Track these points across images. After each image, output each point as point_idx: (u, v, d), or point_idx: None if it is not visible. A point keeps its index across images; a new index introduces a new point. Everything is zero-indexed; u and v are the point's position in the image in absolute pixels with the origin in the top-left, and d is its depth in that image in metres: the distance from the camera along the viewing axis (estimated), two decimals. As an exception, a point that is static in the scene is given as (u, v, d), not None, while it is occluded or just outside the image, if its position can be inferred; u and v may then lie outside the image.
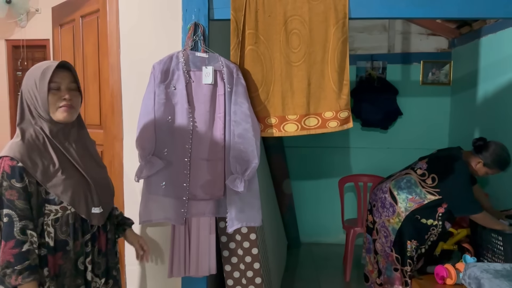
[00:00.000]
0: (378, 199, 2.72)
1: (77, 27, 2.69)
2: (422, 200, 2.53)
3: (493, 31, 3.50)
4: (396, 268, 2.60)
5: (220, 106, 2.03)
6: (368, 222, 2.83)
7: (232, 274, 2.41)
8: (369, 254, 2.84)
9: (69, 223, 1.52)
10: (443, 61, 4.30)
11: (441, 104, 4.33)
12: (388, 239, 2.63)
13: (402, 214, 2.56)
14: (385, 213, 2.65)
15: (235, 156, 2.04)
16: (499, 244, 2.37)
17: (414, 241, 2.56)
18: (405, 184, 2.61)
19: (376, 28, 4.38)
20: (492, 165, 2.52)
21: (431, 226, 2.55)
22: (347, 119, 2.21)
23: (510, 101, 3.21)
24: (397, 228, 2.58)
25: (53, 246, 1.49)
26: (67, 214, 1.51)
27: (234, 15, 2.13)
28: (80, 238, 1.56)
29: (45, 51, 4.69)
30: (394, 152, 4.36)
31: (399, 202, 2.58)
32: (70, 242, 1.53)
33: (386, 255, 2.66)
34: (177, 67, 2.00)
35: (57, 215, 1.50)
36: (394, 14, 2.16)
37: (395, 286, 2.62)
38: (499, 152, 2.51)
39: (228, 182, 2.03)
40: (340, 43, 2.15)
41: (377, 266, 2.74)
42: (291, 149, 4.41)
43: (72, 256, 1.54)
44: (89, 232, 1.59)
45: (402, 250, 2.58)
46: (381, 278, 2.70)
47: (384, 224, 2.65)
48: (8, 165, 1.42)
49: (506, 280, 1.86)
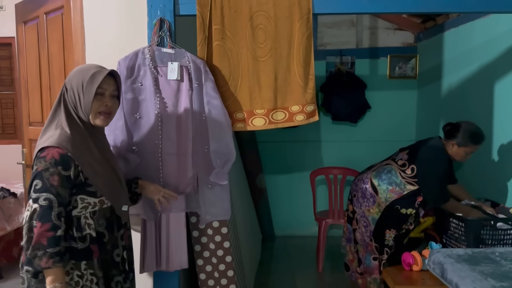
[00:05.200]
0: (359, 189, 2.76)
1: (41, 25, 2.64)
2: (402, 191, 2.59)
3: (455, 25, 3.61)
4: (375, 257, 2.65)
5: (187, 102, 2.04)
6: (349, 212, 2.86)
7: (205, 268, 2.43)
8: (349, 244, 2.88)
9: (106, 216, 1.61)
10: (409, 55, 4.42)
11: (408, 98, 4.45)
12: (368, 228, 2.67)
13: (382, 205, 2.61)
14: (365, 203, 2.69)
15: (214, 150, 2.08)
16: (461, 230, 2.47)
17: (393, 230, 2.62)
18: (385, 175, 2.65)
19: (345, 23, 4.45)
20: (465, 142, 2.54)
21: (410, 215, 2.61)
22: (313, 113, 2.25)
23: (473, 93, 3.33)
24: (377, 218, 2.63)
25: (95, 236, 1.57)
26: (104, 207, 1.60)
27: (200, 10, 2.14)
28: (115, 231, 1.66)
29: (11, 49, 4.57)
30: (363, 145, 4.46)
31: (380, 193, 2.63)
32: (106, 235, 1.61)
33: (365, 244, 2.70)
34: (143, 63, 2.00)
35: (95, 208, 1.57)
36: (357, 9, 2.22)
37: (373, 276, 2.67)
38: (468, 127, 2.55)
39: (212, 177, 2.08)
40: (305, 38, 2.18)
41: (357, 256, 2.78)
42: (264, 144, 4.45)
43: (110, 248, 1.63)
44: (123, 227, 1.70)
45: (381, 239, 2.63)
46: (361, 267, 2.75)
47: (364, 214, 2.69)
48: (58, 153, 1.47)
49: (467, 264, 1.94)
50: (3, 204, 3.55)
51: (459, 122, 2.59)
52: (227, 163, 2.11)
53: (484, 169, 3.13)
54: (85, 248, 1.54)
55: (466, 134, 2.54)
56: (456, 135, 2.56)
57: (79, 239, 1.53)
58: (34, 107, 2.81)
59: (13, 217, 3.68)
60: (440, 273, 1.97)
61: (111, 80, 1.60)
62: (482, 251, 2.10)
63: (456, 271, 1.87)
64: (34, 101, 2.80)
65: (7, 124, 4.75)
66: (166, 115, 2.01)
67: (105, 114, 1.58)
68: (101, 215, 1.59)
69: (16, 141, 4.51)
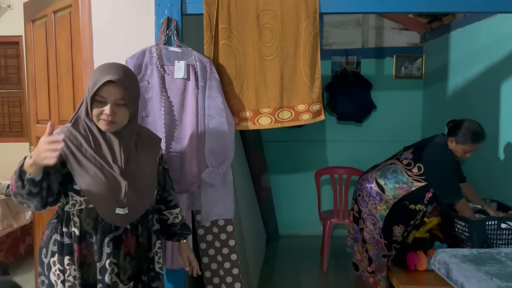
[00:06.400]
0: (363, 188, 2.75)
1: (49, 23, 2.66)
2: (410, 187, 2.57)
3: (462, 25, 3.60)
4: (385, 254, 2.64)
5: (193, 101, 2.05)
6: (354, 212, 2.85)
7: (210, 266, 2.45)
8: (357, 244, 2.86)
9: (92, 216, 1.53)
10: (415, 55, 4.41)
11: (414, 98, 4.44)
12: (377, 226, 2.66)
13: (390, 201, 2.59)
14: (371, 201, 2.67)
15: (210, 150, 2.07)
16: (466, 230, 2.46)
17: (402, 226, 2.61)
18: (391, 174, 2.63)
19: (350, 23, 4.45)
20: (463, 140, 2.52)
21: (419, 211, 2.60)
22: (319, 112, 2.26)
23: (479, 93, 3.32)
24: (385, 214, 2.62)
25: (78, 235, 1.52)
26: (90, 207, 1.53)
27: (206, 9, 2.15)
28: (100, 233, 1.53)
29: (18, 48, 4.61)
30: (369, 145, 4.45)
31: (387, 191, 2.61)
32: (94, 235, 1.54)
33: (375, 242, 2.68)
34: (150, 62, 2.02)
35: (81, 206, 1.52)
36: (363, 8, 2.22)
37: (383, 273, 2.66)
38: (469, 125, 2.53)
39: (203, 175, 2.06)
40: (311, 37, 2.19)
41: (367, 255, 2.75)
42: (269, 143, 4.45)
43: (96, 249, 1.54)
44: (112, 232, 1.55)
45: (389, 235, 2.63)
46: (372, 266, 2.73)
47: (371, 212, 2.68)
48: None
49: (472, 264, 1.93)
50: (10, 202, 3.57)
51: (462, 120, 2.59)
52: (223, 164, 2.09)
53: (490, 169, 3.12)
54: (70, 244, 1.54)
55: (466, 132, 2.53)
56: (456, 133, 2.56)
57: (65, 234, 1.53)
58: (42, 105, 2.83)
59: (20, 214, 3.71)
60: (445, 273, 1.97)
61: (115, 89, 1.49)
62: (488, 251, 2.10)
63: (461, 271, 1.87)
64: (42, 100, 2.82)
65: (14, 122, 4.79)
66: (172, 113, 2.02)
67: (106, 122, 1.51)
68: (87, 214, 1.53)
69: (23, 139, 4.54)
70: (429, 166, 2.55)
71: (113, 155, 1.54)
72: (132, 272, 1.61)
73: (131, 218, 1.57)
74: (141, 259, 1.64)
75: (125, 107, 1.53)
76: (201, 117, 2.06)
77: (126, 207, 1.53)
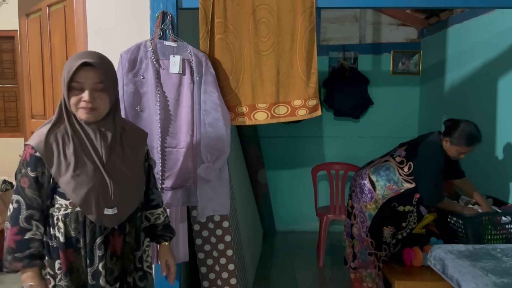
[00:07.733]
0: (357, 184, 2.76)
1: (44, 17, 2.64)
2: (399, 189, 2.58)
3: (459, 21, 3.59)
4: (371, 252, 2.65)
5: (189, 96, 2.04)
6: (348, 207, 2.86)
7: (206, 261, 2.44)
8: (348, 238, 2.88)
9: (79, 220, 1.45)
10: (412, 51, 4.39)
11: (411, 94, 4.43)
12: (364, 224, 2.67)
13: (380, 201, 2.61)
14: (363, 198, 2.69)
15: (205, 145, 2.06)
16: (461, 227, 2.46)
17: (391, 227, 2.61)
18: (384, 171, 2.64)
19: (348, 19, 4.43)
20: (457, 141, 2.51)
21: (408, 212, 2.60)
22: (315, 107, 2.25)
23: (476, 90, 3.31)
24: (374, 214, 2.63)
25: (63, 241, 1.45)
26: (76, 211, 1.45)
27: (202, 3, 2.13)
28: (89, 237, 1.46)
29: (13, 42, 4.59)
30: (366, 141, 4.45)
31: (377, 189, 2.62)
32: (81, 240, 1.46)
33: (361, 239, 2.70)
34: (145, 56, 2.00)
35: (67, 210, 1.45)
36: (361, 3, 2.21)
37: (368, 270, 2.68)
38: (465, 127, 2.52)
39: (199, 171, 2.05)
40: (307, 32, 2.18)
41: (352, 250, 2.79)
42: (266, 139, 4.44)
43: (84, 254, 1.47)
44: (102, 234, 1.47)
45: (378, 235, 2.62)
46: (355, 262, 2.75)
47: (361, 210, 2.69)
48: (29, 153, 1.43)
49: (468, 260, 1.94)
50: (5, 197, 3.56)
51: (459, 121, 2.57)
52: (219, 159, 2.08)
53: (487, 165, 3.12)
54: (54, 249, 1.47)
55: (461, 134, 2.52)
56: (452, 133, 2.54)
57: (54, 237, 1.47)
58: (37, 100, 2.81)
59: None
60: (441, 269, 1.97)
61: (92, 72, 1.41)
62: (483, 247, 2.10)
63: (457, 267, 1.87)
64: (37, 94, 2.80)
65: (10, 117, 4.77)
66: (167, 108, 2.01)
67: (85, 109, 1.42)
68: (73, 218, 1.45)
69: (19, 135, 4.52)
70: (418, 162, 2.55)
71: (95, 150, 1.46)
72: (118, 272, 1.54)
73: (121, 218, 1.50)
74: (128, 259, 1.57)
75: (104, 92, 1.44)
76: (196, 112, 2.05)
77: (115, 207, 1.46)
